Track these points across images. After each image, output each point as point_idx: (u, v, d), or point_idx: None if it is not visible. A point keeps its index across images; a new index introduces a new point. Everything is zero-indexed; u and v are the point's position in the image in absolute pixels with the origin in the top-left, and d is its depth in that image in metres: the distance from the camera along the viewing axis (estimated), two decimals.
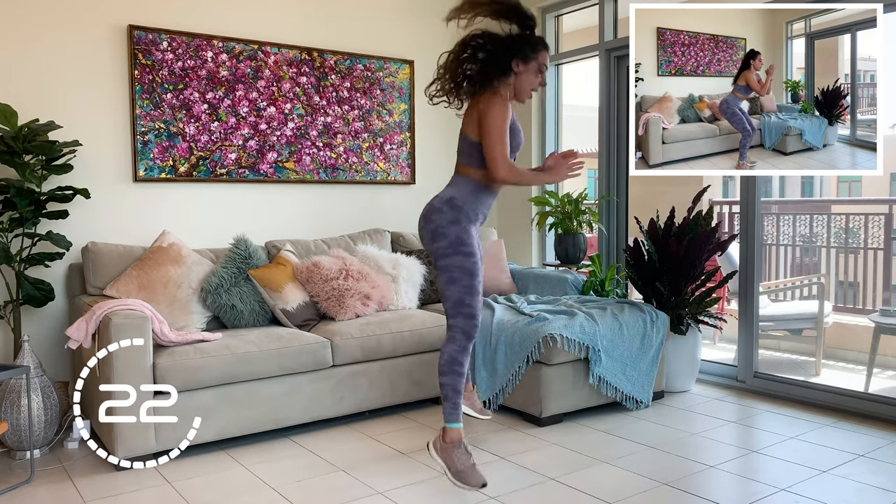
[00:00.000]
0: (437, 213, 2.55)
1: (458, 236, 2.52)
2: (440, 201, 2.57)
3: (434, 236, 2.54)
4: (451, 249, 2.51)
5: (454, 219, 2.53)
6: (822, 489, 2.54)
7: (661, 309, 3.73)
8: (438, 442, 2.53)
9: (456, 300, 2.51)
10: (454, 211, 2.53)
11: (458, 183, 2.61)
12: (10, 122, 3.09)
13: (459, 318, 2.51)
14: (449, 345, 2.53)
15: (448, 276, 2.51)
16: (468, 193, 2.57)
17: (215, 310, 3.39)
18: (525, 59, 2.54)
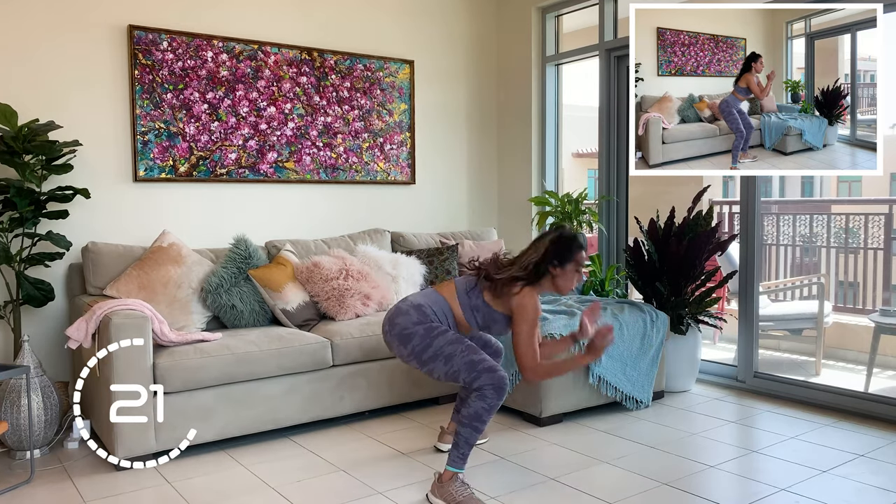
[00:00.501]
0: (402, 315, 2.55)
1: (427, 328, 2.51)
2: (407, 305, 2.57)
3: (402, 339, 2.53)
4: (428, 339, 2.50)
5: (420, 320, 2.52)
6: (822, 489, 2.54)
7: (661, 309, 3.74)
8: (435, 486, 2.47)
9: (466, 367, 2.46)
10: (421, 315, 2.53)
11: (434, 298, 2.61)
12: (10, 122, 3.09)
13: (483, 377, 2.44)
14: (477, 401, 2.44)
15: (442, 357, 2.49)
16: (440, 313, 2.58)
17: (215, 310, 3.39)
18: (562, 263, 2.55)
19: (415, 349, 2.51)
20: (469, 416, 2.43)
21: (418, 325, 2.51)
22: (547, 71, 4.82)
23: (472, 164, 4.97)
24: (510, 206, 4.99)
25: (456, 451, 2.45)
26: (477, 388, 2.45)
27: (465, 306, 2.59)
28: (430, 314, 2.55)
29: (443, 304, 2.59)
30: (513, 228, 4.95)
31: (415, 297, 2.62)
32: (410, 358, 2.55)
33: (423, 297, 2.62)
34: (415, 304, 2.57)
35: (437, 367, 2.50)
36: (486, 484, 2.60)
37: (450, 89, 4.82)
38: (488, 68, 5.00)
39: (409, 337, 2.51)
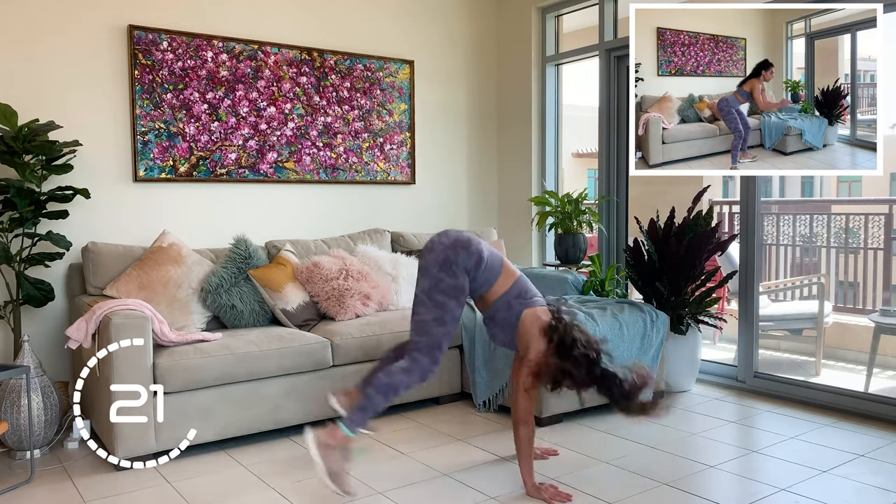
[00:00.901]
0: (462, 248, 2.53)
1: (464, 286, 2.53)
2: (476, 247, 2.55)
3: (443, 268, 2.52)
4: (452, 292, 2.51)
5: (474, 265, 2.53)
6: (822, 489, 2.54)
7: (661, 309, 3.73)
8: (323, 435, 2.40)
9: (435, 342, 2.49)
10: (478, 258, 2.54)
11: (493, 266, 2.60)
12: (10, 122, 3.09)
13: (426, 359, 2.48)
14: (402, 375, 2.47)
15: (437, 313, 2.49)
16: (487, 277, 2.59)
17: (215, 310, 3.39)
18: None
19: (441, 283, 2.50)
20: (387, 385, 2.46)
21: (463, 274, 2.50)
22: (547, 71, 4.82)
23: (472, 164, 4.97)
24: (510, 206, 4.99)
25: (360, 413, 2.44)
26: (412, 359, 2.48)
27: (504, 301, 2.58)
28: (489, 258, 2.54)
29: (494, 275, 2.58)
30: (513, 228, 4.95)
31: (487, 246, 2.61)
32: (430, 279, 2.52)
33: (490, 253, 2.59)
34: (479, 252, 2.54)
35: (426, 312, 2.51)
36: (486, 484, 2.60)
37: (450, 89, 4.82)
38: (488, 68, 5.00)
39: (452, 274, 2.50)
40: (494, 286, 2.59)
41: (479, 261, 2.54)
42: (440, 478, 2.67)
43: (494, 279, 2.59)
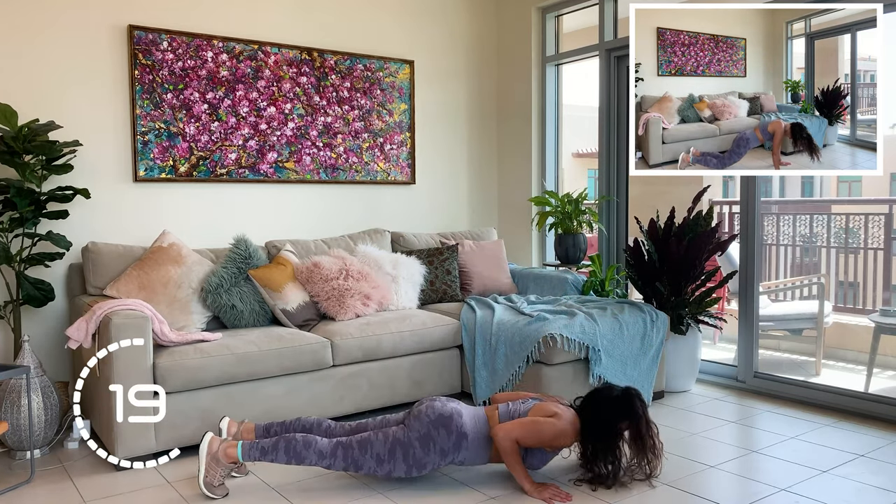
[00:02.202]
0: (447, 433, 2.51)
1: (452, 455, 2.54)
2: (457, 428, 2.52)
3: (422, 441, 2.51)
4: (426, 459, 2.51)
5: (457, 445, 2.53)
6: (822, 489, 2.54)
7: (661, 309, 3.73)
8: (217, 445, 2.50)
9: (372, 462, 2.49)
10: (455, 448, 2.53)
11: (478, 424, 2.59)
12: (10, 122, 3.09)
13: (346, 462, 2.49)
14: (315, 455, 2.48)
15: (423, 461, 2.51)
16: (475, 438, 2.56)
17: (215, 310, 3.39)
18: None
19: (410, 443, 2.50)
20: (298, 454, 2.48)
21: (433, 457, 2.50)
22: (547, 71, 4.82)
23: (472, 164, 4.97)
24: (510, 206, 4.99)
25: (260, 452, 2.48)
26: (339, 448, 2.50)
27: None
28: (460, 445, 2.52)
29: (482, 446, 2.57)
30: (513, 228, 4.95)
31: (472, 418, 2.58)
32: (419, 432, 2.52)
33: (474, 430, 2.56)
34: (459, 430, 2.51)
35: (417, 453, 2.51)
36: (486, 484, 2.60)
37: (450, 89, 4.82)
38: (488, 68, 5.00)
39: (425, 448, 2.50)
40: (490, 453, 2.58)
41: (458, 440, 2.51)
42: (440, 478, 2.67)
43: (485, 452, 2.57)
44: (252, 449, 2.50)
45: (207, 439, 2.53)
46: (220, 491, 2.51)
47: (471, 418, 2.56)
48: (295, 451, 2.48)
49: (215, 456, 2.49)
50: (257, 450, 2.49)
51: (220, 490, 2.51)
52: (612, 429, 2.52)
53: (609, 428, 2.52)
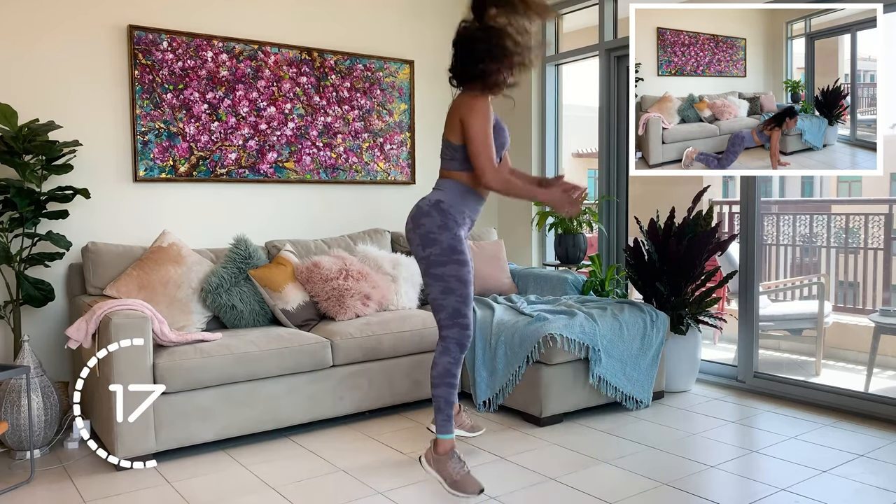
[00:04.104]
0: (425, 216, 2.51)
1: (451, 244, 2.49)
2: (427, 204, 2.53)
3: (424, 241, 2.50)
4: (446, 257, 2.48)
5: (443, 224, 2.49)
6: (822, 489, 2.54)
7: (661, 309, 3.74)
8: (430, 454, 2.52)
9: (452, 311, 2.49)
10: (442, 215, 2.49)
11: (444, 186, 2.58)
12: (10, 122, 3.09)
13: (455, 329, 2.49)
14: (443, 356, 2.50)
15: (444, 285, 2.48)
16: (455, 196, 2.54)
17: (215, 310, 3.39)
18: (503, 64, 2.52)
19: (431, 256, 2.49)
20: (440, 375, 2.50)
21: (443, 232, 2.47)
22: (547, 71, 4.82)
23: None
24: (510, 206, 4.98)
25: (440, 415, 2.51)
26: (443, 338, 2.51)
27: (456, 165, 2.54)
28: (448, 209, 2.49)
29: (453, 185, 2.55)
30: (513, 228, 4.95)
31: (432, 195, 2.57)
32: (423, 260, 2.53)
33: (437, 192, 2.56)
34: (433, 203, 2.52)
35: (435, 288, 2.50)
36: (486, 484, 2.59)
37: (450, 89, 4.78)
38: None
39: (433, 242, 2.48)
40: (467, 183, 2.54)
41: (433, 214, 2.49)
42: None
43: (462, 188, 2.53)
44: (437, 422, 2.51)
45: (422, 461, 2.55)
46: (472, 482, 2.45)
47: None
48: (438, 377, 2.50)
49: (434, 459, 2.49)
50: (437, 416, 2.51)
51: (471, 481, 2.45)
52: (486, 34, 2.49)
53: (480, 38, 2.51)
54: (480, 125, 2.45)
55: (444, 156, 2.59)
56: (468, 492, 2.44)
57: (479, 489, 2.45)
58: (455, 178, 2.56)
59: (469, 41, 2.54)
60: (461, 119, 2.49)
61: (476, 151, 2.44)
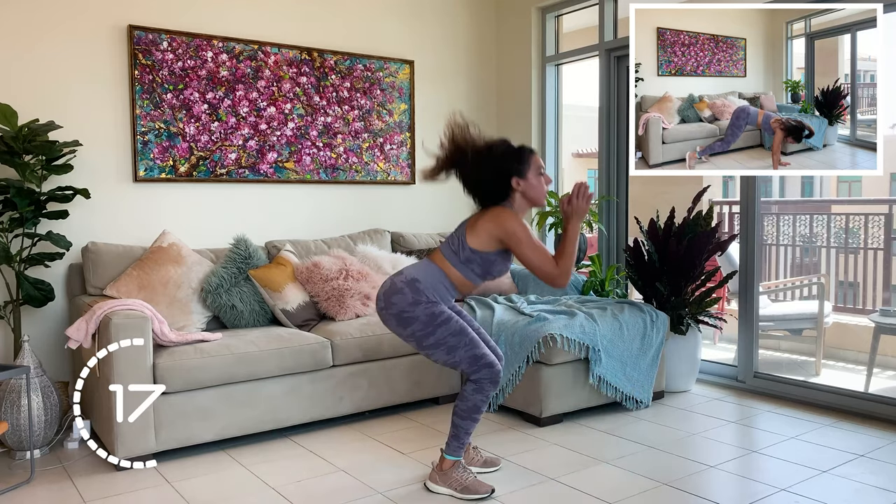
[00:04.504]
0: (397, 293, 2.44)
1: (428, 313, 2.42)
2: (402, 281, 2.46)
3: (401, 321, 2.44)
4: (430, 328, 2.42)
5: (415, 300, 2.42)
6: (822, 489, 2.54)
7: (661, 309, 3.74)
8: (435, 474, 2.53)
9: (469, 360, 2.45)
10: (416, 294, 2.43)
11: (426, 267, 2.50)
12: (10, 122, 3.09)
13: (483, 371, 2.45)
14: (476, 394, 2.46)
15: (444, 347, 2.45)
16: (435, 282, 2.47)
17: (215, 310, 3.39)
18: (521, 174, 2.48)
19: (415, 333, 2.45)
20: (467, 409, 2.48)
21: (417, 307, 2.41)
22: (547, 71, 4.82)
23: None
24: None
25: (455, 441, 2.50)
26: (475, 381, 2.47)
27: (458, 264, 2.48)
28: (424, 290, 2.43)
29: (436, 272, 2.48)
30: None
31: (409, 271, 2.51)
32: (409, 339, 2.49)
33: (416, 271, 2.50)
34: (408, 280, 2.45)
35: (439, 355, 2.47)
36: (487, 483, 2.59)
37: (450, 89, 4.82)
38: (488, 68, 5.00)
39: (409, 321, 2.43)
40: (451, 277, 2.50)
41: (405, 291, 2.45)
42: None
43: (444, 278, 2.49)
44: (451, 445, 2.51)
45: (428, 482, 2.55)
46: (481, 485, 2.48)
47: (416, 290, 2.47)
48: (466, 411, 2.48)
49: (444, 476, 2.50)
50: (453, 441, 2.50)
51: (479, 484, 2.48)
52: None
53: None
54: (528, 236, 2.45)
55: (450, 245, 2.51)
56: (480, 492, 2.46)
57: (490, 489, 2.48)
58: (445, 270, 2.49)
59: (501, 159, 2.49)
60: (501, 239, 2.45)
61: (538, 265, 2.44)
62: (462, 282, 2.51)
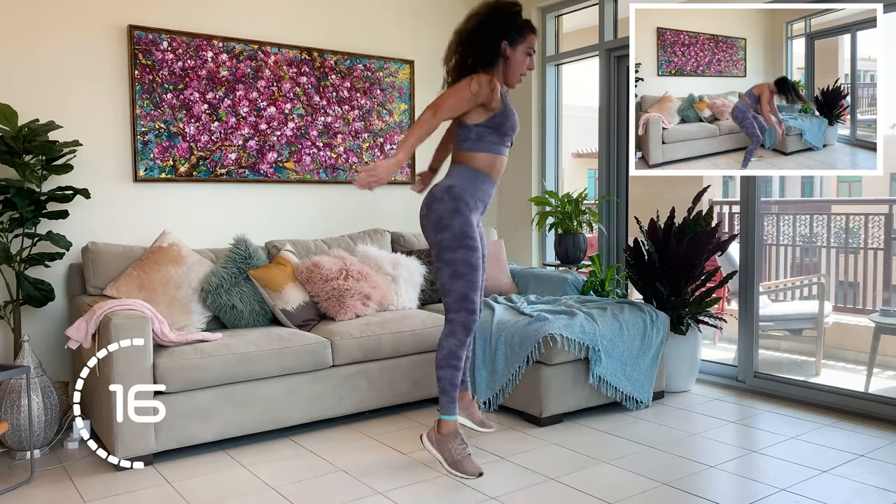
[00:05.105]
0: (438, 202, 2.56)
1: (462, 229, 2.53)
2: (440, 190, 2.59)
3: (437, 227, 2.55)
4: (457, 242, 2.53)
5: (455, 208, 2.54)
6: (822, 489, 2.54)
7: (661, 309, 3.73)
8: (433, 433, 2.55)
9: (460, 295, 2.54)
10: (454, 200, 2.55)
11: (456, 171, 2.64)
12: (10, 122, 3.09)
13: (462, 314, 2.54)
14: (449, 339, 2.55)
15: (453, 270, 2.53)
16: (466, 181, 2.59)
17: (215, 310, 3.39)
18: (513, 43, 2.56)
19: (442, 242, 2.55)
20: (445, 357, 2.54)
21: (455, 217, 2.53)
22: (547, 71, 4.82)
23: None
24: (510, 206, 4.99)
25: (444, 396, 2.55)
26: (449, 321, 2.54)
27: (475, 145, 2.58)
28: (461, 194, 2.54)
29: (464, 170, 2.60)
30: (513, 228, 4.95)
31: (444, 180, 2.63)
32: (434, 245, 2.59)
33: (450, 178, 2.62)
34: (446, 188, 2.57)
35: (443, 273, 2.56)
36: (487, 484, 2.59)
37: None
38: None
39: (444, 228, 2.54)
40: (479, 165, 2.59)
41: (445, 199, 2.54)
42: (440, 478, 2.67)
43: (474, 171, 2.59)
44: (441, 403, 2.55)
45: (424, 440, 2.59)
46: (471, 465, 2.51)
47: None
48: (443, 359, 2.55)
49: (436, 438, 2.52)
50: (442, 397, 2.55)
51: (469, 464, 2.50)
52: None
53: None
54: (454, 92, 2.51)
55: (458, 137, 2.63)
56: (468, 472, 2.47)
57: (478, 472, 2.49)
58: (467, 163, 2.60)
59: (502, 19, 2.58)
60: (471, 99, 2.53)
61: (440, 99, 2.51)
62: (489, 161, 2.60)
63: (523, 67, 2.62)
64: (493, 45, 2.55)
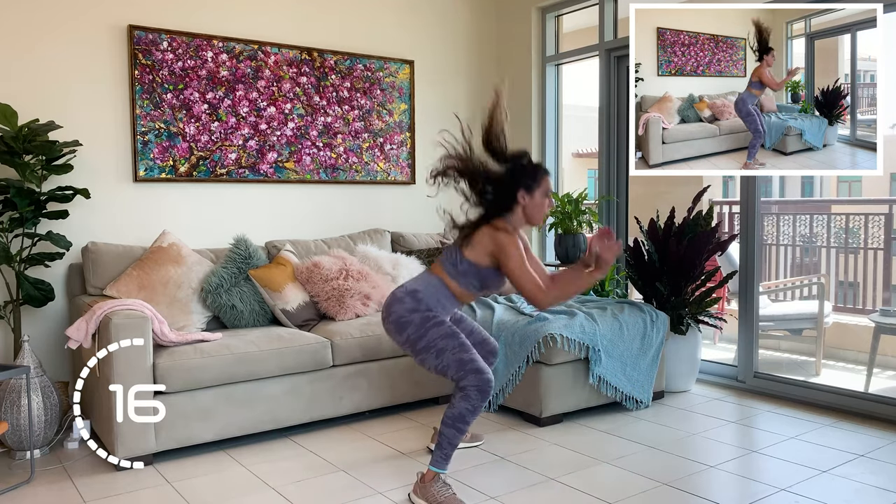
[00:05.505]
0: (398, 303, 2.51)
1: (423, 317, 2.48)
2: (402, 291, 2.55)
3: (398, 327, 2.50)
4: (422, 329, 2.47)
5: (414, 308, 2.49)
6: (822, 489, 2.54)
7: (661, 309, 3.73)
8: (417, 486, 2.47)
9: (455, 364, 2.45)
10: (415, 302, 2.50)
11: (426, 279, 2.58)
12: (10, 122, 3.09)
13: (470, 377, 2.43)
14: (461, 402, 2.43)
15: (434, 351, 2.46)
16: (434, 291, 2.53)
17: (215, 310, 3.39)
18: (530, 190, 2.52)
19: (409, 337, 2.50)
20: (452, 417, 2.42)
21: (414, 314, 2.49)
22: (547, 71, 4.82)
23: None
24: None
25: (439, 451, 2.45)
26: (462, 388, 2.44)
27: (455, 276, 2.53)
28: (424, 299, 2.50)
29: (436, 283, 2.55)
30: None
31: (410, 283, 2.60)
32: (406, 346, 2.54)
33: (417, 282, 2.59)
34: (409, 291, 2.54)
35: (429, 359, 2.49)
36: (487, 484, 2.60)
37: (450, 89, 4.82)
38: (488, 68, 5.00)
39: (405, 325, 2.49)
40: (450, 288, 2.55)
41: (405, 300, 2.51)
42: None
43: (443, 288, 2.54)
44: (436, 456, 2.45)
45: (411, 496, 2.48)
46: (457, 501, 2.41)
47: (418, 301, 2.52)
48: (452, 418, 2.43)
49: (423, 489, 2.43)
50: (438, 451, 2.45)
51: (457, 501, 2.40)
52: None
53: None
54: (518, 257, 2.45)
55: (449, 257, 2.56)
56: None
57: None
58: (441, 279, 2.55)
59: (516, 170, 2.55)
60: (495, 248, 2.48)
61: (521, 284, 2.45)
62: (461, 292, 2.57)
63: (545, 209, 2.58)
64: (510, 198, 2.53)
